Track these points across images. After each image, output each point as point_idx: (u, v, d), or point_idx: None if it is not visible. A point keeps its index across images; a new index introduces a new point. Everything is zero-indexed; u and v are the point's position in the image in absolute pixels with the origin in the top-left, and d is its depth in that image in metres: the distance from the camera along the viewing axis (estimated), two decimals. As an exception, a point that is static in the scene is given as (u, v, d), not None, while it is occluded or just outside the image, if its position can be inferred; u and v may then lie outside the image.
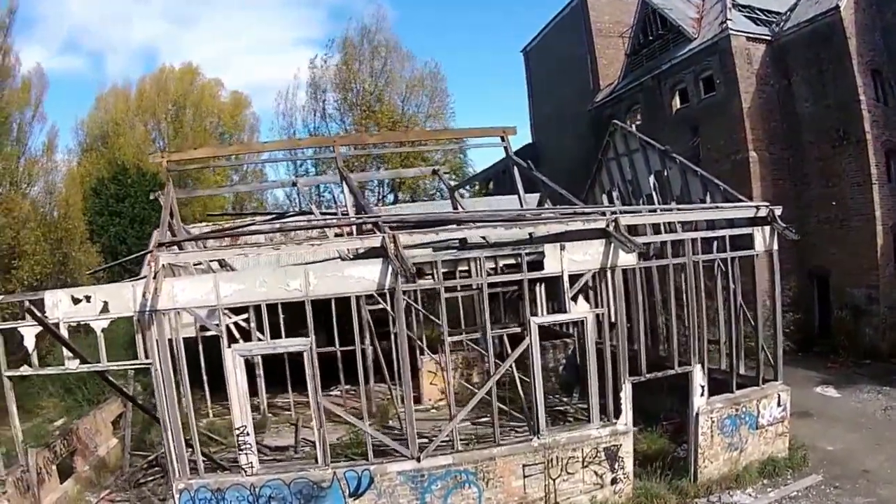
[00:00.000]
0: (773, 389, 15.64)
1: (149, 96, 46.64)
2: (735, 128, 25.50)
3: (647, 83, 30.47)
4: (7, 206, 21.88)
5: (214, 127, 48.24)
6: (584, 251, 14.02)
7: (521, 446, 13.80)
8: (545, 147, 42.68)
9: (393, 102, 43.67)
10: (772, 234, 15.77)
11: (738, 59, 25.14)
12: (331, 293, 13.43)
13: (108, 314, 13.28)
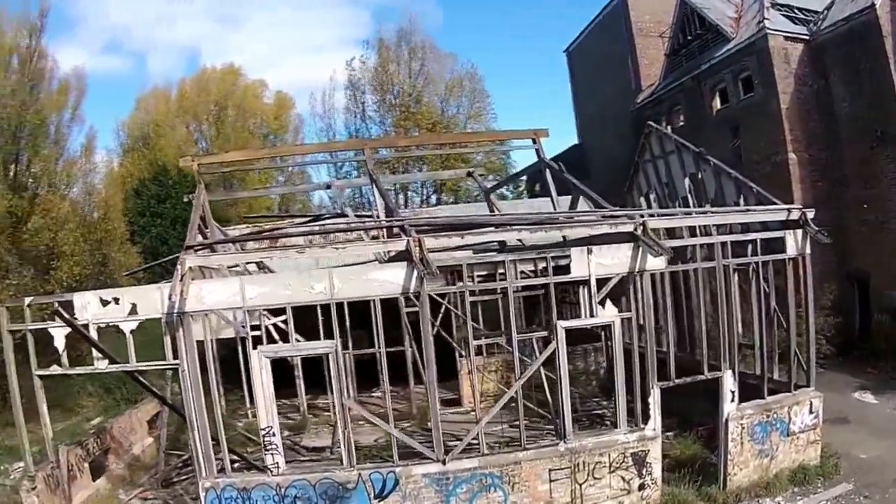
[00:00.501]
0: (806, 396, 15.24)
1: (190, 97, 46.75)
2: (774, 129, 24.89)
3: (687, 84, 29.94)
4: (45, 208, 22.23)
5: (258, 128, 48.18)
6: (612, 255, 13.81)
7: (548, 450, 13.65)
8: (591, 148, 42.10)
9: (432, 104, 43.68)
10: (804, 237, 15.32)
11: (775, 59, 24.51)
12: (355, 296, 13.42)
13: (137, 316, 13.45)
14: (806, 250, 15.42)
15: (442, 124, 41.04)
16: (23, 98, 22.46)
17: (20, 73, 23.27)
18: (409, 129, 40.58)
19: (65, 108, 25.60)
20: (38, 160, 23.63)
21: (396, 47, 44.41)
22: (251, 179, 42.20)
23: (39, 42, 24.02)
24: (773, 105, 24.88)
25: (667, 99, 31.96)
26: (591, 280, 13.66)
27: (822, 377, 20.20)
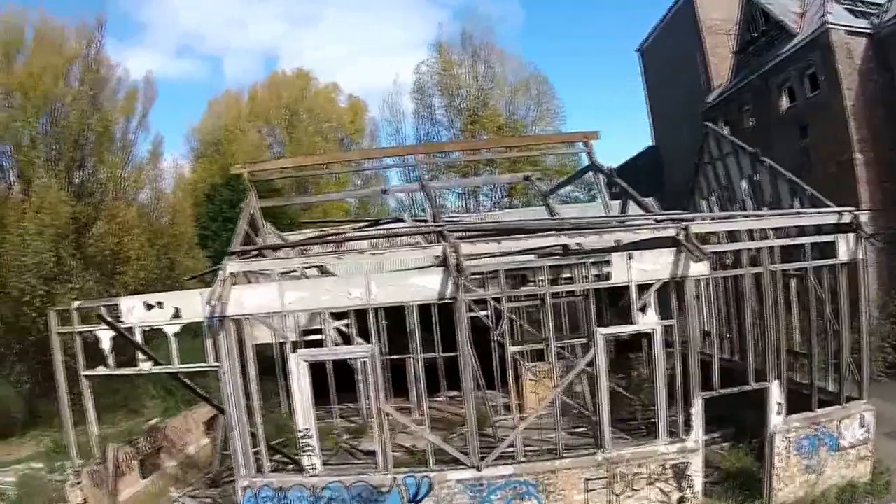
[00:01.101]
0: (857, 409, 14.33)
1: (261, 102, 46.97)
2: (839, 127, 23.74)
3: (755, 82, 28.84)
4: (111, 214, 22.91)
5: (334, 132, 48.01)
6: (654, 260, 13.37)
7: (585, 460, 13.31)
8: (666, 150, 40.93)
9: (498, 107, 43.16)
10: (857, 241, 14.42)
11: (838, 55, 23.38)
12: (391, 301, 13.39)
13: (180, 320, 13.75)
14: (859, 255, 14.52)
15: (508, 127, 40.37)
16: (83, 107, 23.16)
17: (81, 81, 23.97)
18: (477, 133, 40.09)
19: (132, 114, 26.16)
20: (104, 167, 24.31)
21: (461, 50, 44.20)
22: (326, 184, 42.17)
23: (100, 51, 24.72)
24: (837, 102, 23.73)
25: (736, 98, 30.82)
26: (631, 286, 13.17)
27: (884, 387, 19.44)
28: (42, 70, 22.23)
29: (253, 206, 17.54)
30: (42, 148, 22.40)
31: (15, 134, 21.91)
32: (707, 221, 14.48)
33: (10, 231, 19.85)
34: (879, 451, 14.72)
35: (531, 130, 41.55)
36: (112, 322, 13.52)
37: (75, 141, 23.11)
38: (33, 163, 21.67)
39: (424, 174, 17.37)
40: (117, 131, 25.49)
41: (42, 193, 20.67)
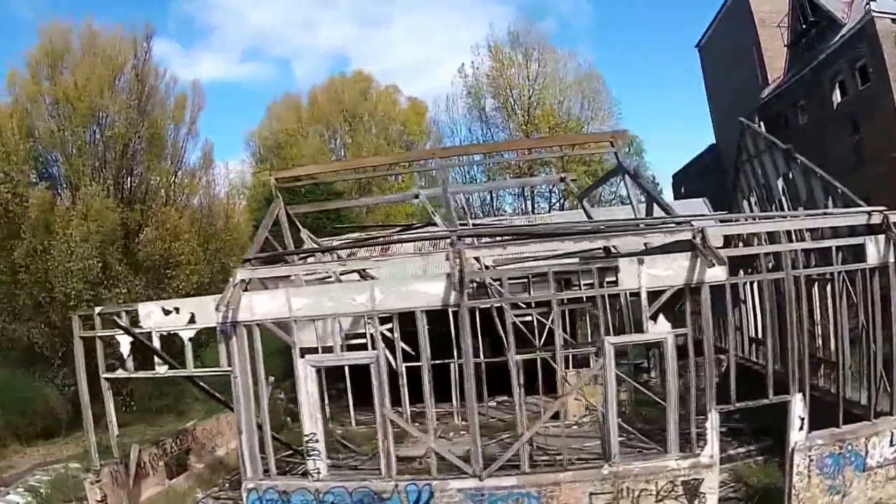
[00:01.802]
0: (888, 425, 12.94)
1: (321, 106, 46.56)
2: (888, 122, 21.99)
3: (807, 77, 27.36)
4: (160, 220, 23.33)
5: (398, 135, 47.20)
6: (667, 265, 12.50)
7: (590, 473, 12.57)
8: (726, 148, 38.70)
9: (552, 106, 42.10)
10: (887, 244, 13.07)
11: (884, 44, 21.83)
12: (396, 308, 13.02)
13: (195, 325, 13.77)
14: (891, 258, 13.14)
15: (560, 126, 39.21)
16: (130, 116, 23.66)
17: (129, 91, 24.47)
18: (531, 134, 39.10)
19: (181, 121, 26.54)
20: (152, 174, 24.77)
21: (512, 49, 43.04)
22: (390, 186, 41.33)
23: (147, 60, 25.18)
24: (886, 95, 21.89)
25: (790, 93, 29.21)
26: (641, 293, 12.33)
27: None
28: (87, 80, 22.73)
29: (280, 211, 17.42)
30: (89, 156, 22.96)
31: (62, 143, 22.55)
32: (727, 225, 13.34)
33: (58, 238, 20.46)
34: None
35: (585, 129, 40.19)
36: (125, 326, 13.72)
37: (123, 149, 23.60)
38: (80, 171, 22.27)
39: (451, 177, 16.75)
40: (166, 138, 25.81)
41: (88, 201, 21.22)
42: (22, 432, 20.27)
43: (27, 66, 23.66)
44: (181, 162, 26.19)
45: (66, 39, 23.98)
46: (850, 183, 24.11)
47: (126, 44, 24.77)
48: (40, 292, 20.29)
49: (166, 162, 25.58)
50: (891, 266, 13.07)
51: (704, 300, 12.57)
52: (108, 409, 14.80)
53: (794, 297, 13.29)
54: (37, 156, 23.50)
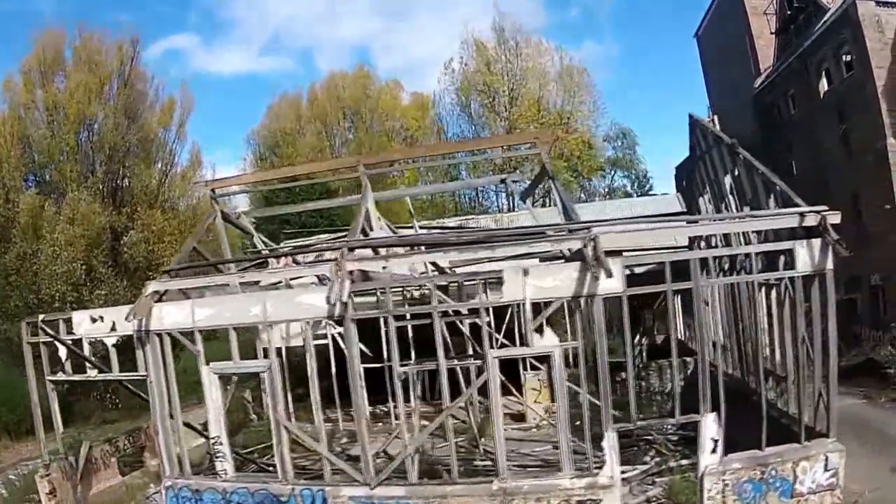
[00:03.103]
0: (820, 449, 11.33)
1: (320, 103, 45.11)
2: (872, 111, 19.71)
3: (794, 65, 25.05)
4: (145, 222, 23.50)
5: (397, 131, 45.40)
6: (553, 276, 11.42)
7: (479, 488, 11.74)
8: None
9: (532, 101, 40.45)
10: (823, 249, 11.48)
11: (866, 30, 19.63)
12: (285, 319, 12.50)
13: (116, 332, 13.69)
14: (827, 265, 11.54)
15: (541, 122, 37.57)
16: (117, 121, 23.84)
17: (117, 96, 24.63)
18: (511, 131, 37.67)
19: (170, 125, 26.58)
20: (136, 178, 24.93)
21: (498, 45, 41.28)
22: (394, 180, 38.73)
23: (135, 67, 25.25)
24: (869, 83, 19.61)
25: (780, 83, 26.80)
26: (525, 304, 11.28)
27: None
28: (76, 87, 22.98)
29: (218, 222, 17.02)
30: (77, 162, 23.26)
31: (50, 149, 22.92)
32: (622, 232, 11.97)
33: (45, 242, 20.85)
34: (884, 490, 11.91)
35: (565, 123, 38.71)
36: (52, 334, 13.77)
37: (109, 154, 23.79)
38: (67, 176, 22.60)
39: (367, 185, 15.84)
40: (155, 142, 25.89)
41: (74, 205, 21.54)
42: (12, 428, 20.65)
43: (21, 73, 24.11)
44: (171, 164, 26.24)
45: (57, 47, 24.28)
46: (840, 175, 22.14)
47: (114, 50, 24.84)
48: (28, 294, 20.78)
49: (154, 165, 25.60)
50: (827, 273, 11.51)
51: (597, 313, 11.40)
52: (53, 409, 14.95)
53: (703, 307, 11.95)
54: (29, 161, 23.91)
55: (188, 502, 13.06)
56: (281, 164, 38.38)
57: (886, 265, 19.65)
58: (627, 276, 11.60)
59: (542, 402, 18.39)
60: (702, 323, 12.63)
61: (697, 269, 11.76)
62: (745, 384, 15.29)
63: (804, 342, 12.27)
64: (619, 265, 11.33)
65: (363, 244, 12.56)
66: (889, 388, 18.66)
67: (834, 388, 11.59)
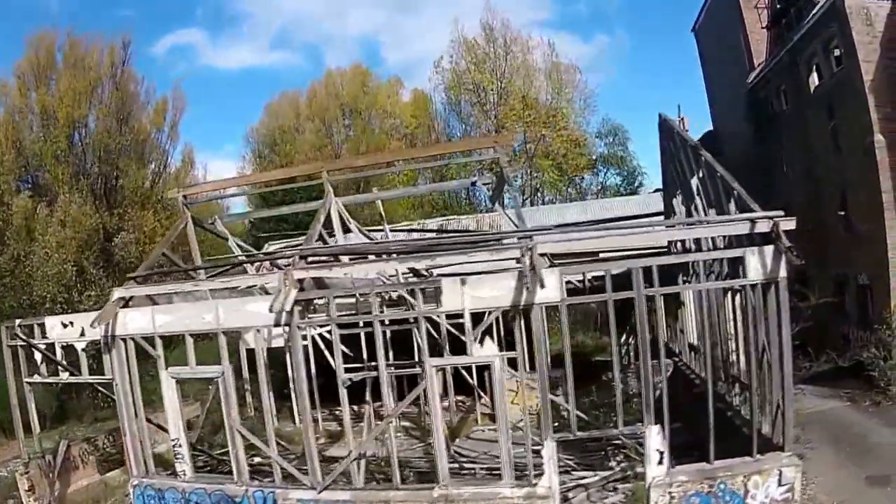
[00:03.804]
0: (774, 463, 11.17)
1: (319, 100, 45.30)
2: (860, 107, 19.17)
3: (785, 59, 24.42)
4: (136, 224, 24.16)
5: (396, 128, 45.23)
6: (492, 286, 11.70)
7: (421, 494, 12.25)
8: (722, 135, 35.93)
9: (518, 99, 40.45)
10: (776, 257, 11.21)
11: (853, 22, 19.02)
12: (237, 326, 12.98)
13: (85, 337, 14.28)
14: (780, 273, 11.29)
15: (526, 120, 37.87)
16: (108, 125, 24.46)
17: (108, 99, 25.24)
18: (499, 128, 37.90)
19: (162, 126, 27.21)
20: (129, 179, 25.55)
21: (487, 42, 41.37)
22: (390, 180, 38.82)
23: (126, 69, 25.83)
24: (857, 78, 19.08)
25: (773, 78, 26.20)
26: (465, 314, 11.53)
27: None
28: (67, 90, 23.64)
29: (189, 229, 17.49)
30: (69, 164, 23.95)
31: (42, 153, 23.64)
32: (563, 242, 12.06)
33: (37, 244, 21.62)
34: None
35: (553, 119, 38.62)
36: (23, 338, 14.44)
37: (100, 156, 24.44)
38: (59, 179, 23.33)
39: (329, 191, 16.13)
40: (147, 143, 26.46)
41: (66, 208, 22.27)
42: (7, 426, 21.38)
43: (15, 77, 24.84)
44: (164, 165, 26.83)
45: (50, 50, 24.95)
46: (829, 172, 21.70)
47: (105, 53, 25.42)
48: (22, 295, 21.61)
49: (147, 166, 26.19)
50: (780, 282, 11.25)
51: (535, 321, 11.56)
52: (30, 409, 15.68)
53: (644, 316, 11.94)
54: (23, 164, 24.68)
55: (153, 500, 13.85)
56: (280, 163, 38.85)
57: (874, 265, 19.21)
58: (600, 277, 11.90)
59: (519, 403, 18.65)
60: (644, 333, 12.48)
61: (640, 278, 11.80)
62: (716, 391, 15.28)
63: (764, 350, 12.23)
64: (557, 275, 11.52)
65: (311, 253, 12.88)
66: (874, 391, 18.45)
67: (790, 400, 11.44)
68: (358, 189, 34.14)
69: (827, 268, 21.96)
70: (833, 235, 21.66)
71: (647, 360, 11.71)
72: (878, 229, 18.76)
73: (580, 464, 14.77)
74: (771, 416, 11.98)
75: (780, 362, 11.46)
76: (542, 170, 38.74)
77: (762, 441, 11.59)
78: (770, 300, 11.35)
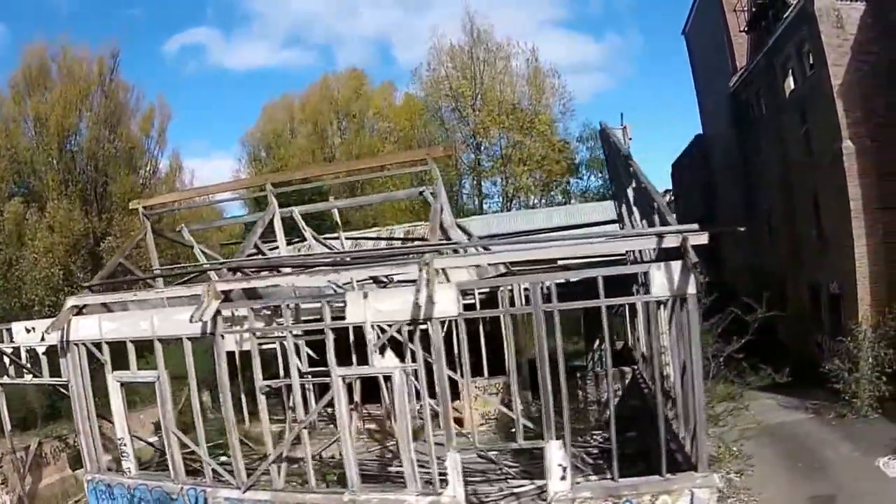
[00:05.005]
0: (685, 483, 11.09)
1: (313, 105, 46.65)
2: (829, 111, 19.46)
3: (762, 63, 24.77)
4: (123, 228, 26.04)
5: (389, 132, 46.14)
6: (392, 299, 12.68)
7: (333, 498, 13.29)
8: (710, 138, 36.96)
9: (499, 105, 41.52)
10: (684, 272, 11.22)
11: (822, 25, 19.42)
12: (169, 334, 14.29)
13: (45, 342, 15.97)
14: (689, 289, 11.28)
15: (501, 126, 38.98)
16: (97, 132, 26.40)
17: (98, 108, 27.20)
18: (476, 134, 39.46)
19: (150, 133, 29.16)
20: (117, 185, 27.46)
21: (463, 49, 42.77)
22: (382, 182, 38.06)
23: (114, 78, 27.76)
24: (826, 81, 19.35)
25: (752, 81, 26.60)
26: (366, 327, 12.64)
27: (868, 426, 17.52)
28: (58, 99, 25.67)
29: (149, 237, 18.98)
30: (58, 171, 25.96)
31: (33, 160, 25.70)
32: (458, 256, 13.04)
33: (27, 248, 23.73)
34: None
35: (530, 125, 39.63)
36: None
37: (89, 163, 26.41)
38: (49, 185, 25.38)
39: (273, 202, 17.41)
40: (136, 149, 28.36)
41: (54, 214, 24.32)
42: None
43: (10, 87, 27.11)
44: (154, 171, 28.70)
45: (43, 61, 27.08)
46: (803, 178, 21.97)
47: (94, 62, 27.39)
48: (12, 298, 23.78)
49: (135, 173, 28.04)
50: (689, 298, 11.27)
51: (434, 334, 12.57)
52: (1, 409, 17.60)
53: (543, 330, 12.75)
54: (16, 171, 26.83)
55: (103, 495, 15.30)
56: (274, 167, 40.54)
57: (843, 273, 19.47)
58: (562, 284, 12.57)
59: (479, 409, 19.65)
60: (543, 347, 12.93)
61: (538, 293, 12.61)
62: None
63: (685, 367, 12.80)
64: (454, 290, 12.50)
65: (236, 266, 14.25)
66: (839, 403, 18.76)
67: (701, 420, 11.43)
68: (352, 192, 35.76)
69: (802, 275, 22.26)
70: (807, 242, 21.95)
71: (546, 371, 12.35)
72: (845, 237, 19.05)
73: (526, 472, 15.09)
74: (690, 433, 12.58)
75: (692, 380, 11.68)
76: (516, 175, 40.01)
77: (683, 459, 11.86)
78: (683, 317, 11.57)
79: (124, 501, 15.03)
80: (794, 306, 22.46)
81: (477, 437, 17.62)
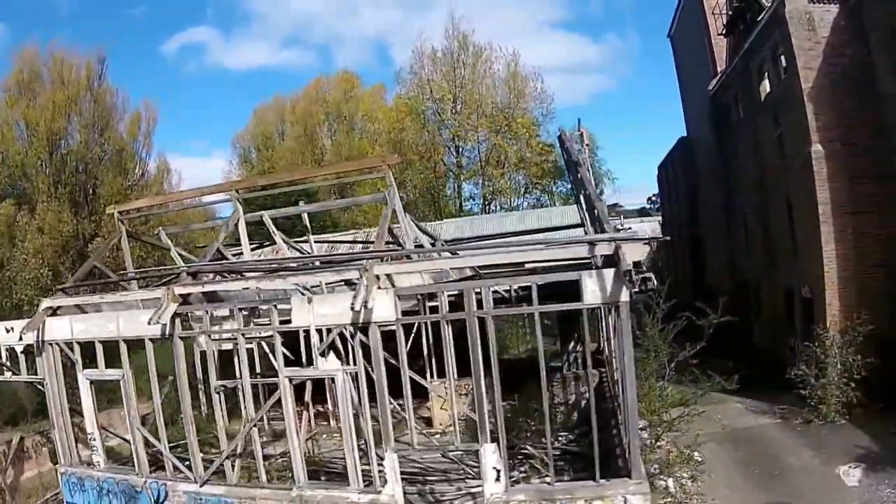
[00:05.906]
0: (619, 489, 11.74)
1: (304, 107, 48.10)
2: (799, 114, 20.15)
3: (739, 66, 25.42)
4: (110, 230, 27.48)
5: (380, 134, 46.81)
6: (333, 304, 13.80)
7: (281, 493, 14.50)
8: (695, 141, 37.69)
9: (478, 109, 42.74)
10: (617, 279, 11.90)
11: (793, 28, 20.12)
12: (134, 335, 15.67)
13: (22, 342, 17.50)
14: (621, 297, 11.99)
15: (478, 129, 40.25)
16: (85, 136, 28.05)
17: (88, 112, 28.87)
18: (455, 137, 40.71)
19: (137, 136, 30.85)
20: (105, 187, 29.11)
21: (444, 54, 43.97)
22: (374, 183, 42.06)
23: (102, 83, 29.40)
24: (797, 85, 20.05)
25: (730, 84, 27.40)
26: (311, 330, 13.84)
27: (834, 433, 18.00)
28: (46, 104, 27.37)
29: (125, 242, 20.43)
30: (48, 174, 27.66)
31: (23, 163, 27.40)
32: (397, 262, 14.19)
33: (17, 250, 25.45)
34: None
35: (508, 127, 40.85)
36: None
37: (77, 166, 28.07)
38: (38, 188, 27.06)
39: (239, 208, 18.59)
40: (124, 152, 30.02)
41: (43, 215, 26.02)
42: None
43: (3, 91, 28.92)
44: (142, 173, 30.32)
45: (34, 65, 28.84)
46: (776, 182, 22.65)
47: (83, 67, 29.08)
48: (4, 298, 25.52)
49: (123, 176, 29.69)
50: (622, 306, 11.88)
51: (372, 337, 13.71)
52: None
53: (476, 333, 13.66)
54: (8, 174, 28.63)
55: (75, 487, 16.93)
56: (263, 169, 42.02)
57: (813, 278, 20.11)
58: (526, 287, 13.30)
59: (447, 410, 20.72)
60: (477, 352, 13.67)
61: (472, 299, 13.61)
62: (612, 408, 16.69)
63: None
64: (392, 295, 13.61)
65: (196, 270, 15.62)
66: (806, 409, 19.39)
67: (634, 425, 12.10)
68: (342, 194, 37.00)
69: (777, 279, 22.92)
70: (781, 246, 22.59)
71: (480, 373, 13.46)
72: (814, 242, 19.70)
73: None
74: (628, 439, 13.40)
75: (624, 386, 12.19)
76: (492, 178, 41.27)
77: (623, 464, 12.60)
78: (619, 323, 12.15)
79: (94, 493, 16.65)
80: (769, 310, 23.14)
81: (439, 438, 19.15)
